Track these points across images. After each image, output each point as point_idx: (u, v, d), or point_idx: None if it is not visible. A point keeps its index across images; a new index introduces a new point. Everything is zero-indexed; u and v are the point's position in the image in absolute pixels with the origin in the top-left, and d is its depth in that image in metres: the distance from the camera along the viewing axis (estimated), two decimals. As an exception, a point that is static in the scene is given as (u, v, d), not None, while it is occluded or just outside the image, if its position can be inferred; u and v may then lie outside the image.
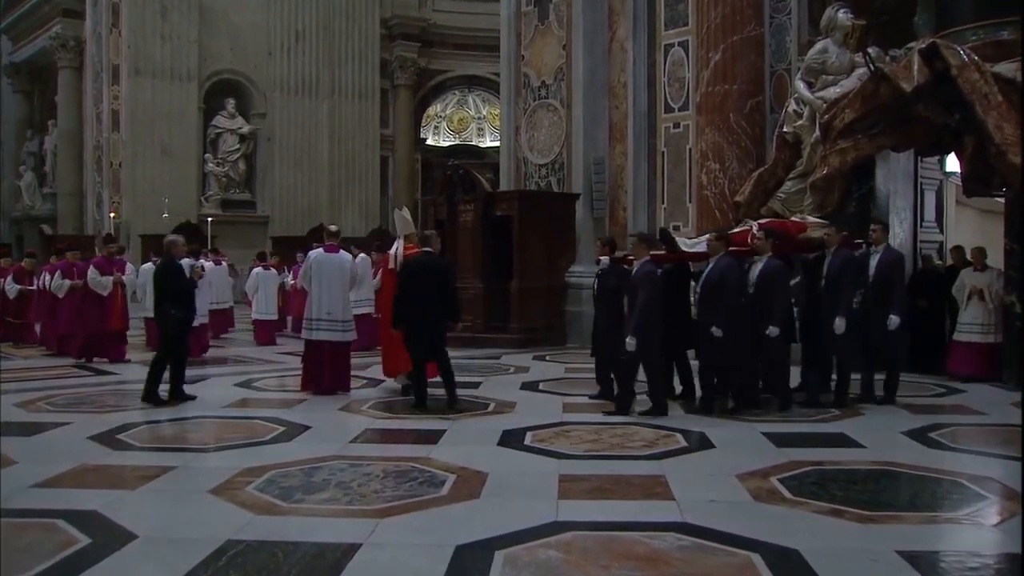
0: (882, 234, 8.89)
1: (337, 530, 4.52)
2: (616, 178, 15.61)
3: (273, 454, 6.29)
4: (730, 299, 7.83)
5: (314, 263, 9.33)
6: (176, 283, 8.77)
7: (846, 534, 4.52)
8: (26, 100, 34.39)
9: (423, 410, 8.17)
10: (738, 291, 7.92)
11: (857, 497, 5.18)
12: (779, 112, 12.44)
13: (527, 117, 16.94)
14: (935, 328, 10.91)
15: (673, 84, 14.62)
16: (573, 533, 4.44)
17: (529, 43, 16.95)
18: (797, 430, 7.33)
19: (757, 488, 5.35)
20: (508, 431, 7.14)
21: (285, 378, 10.55)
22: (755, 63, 12.66)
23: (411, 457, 6.18)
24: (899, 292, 8.62)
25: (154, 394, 8.50)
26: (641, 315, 7.71)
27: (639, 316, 7.72)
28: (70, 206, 29.74)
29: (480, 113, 33.53)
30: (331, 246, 9.52)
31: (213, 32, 27.06)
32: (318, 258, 9.37)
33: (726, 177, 12.49)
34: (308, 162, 28.17)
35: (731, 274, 7.90)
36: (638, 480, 5.58)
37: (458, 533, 4.44)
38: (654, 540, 4.34)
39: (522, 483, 5.56)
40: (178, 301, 8.66)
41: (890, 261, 8.69)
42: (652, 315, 7.76)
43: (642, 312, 7.71)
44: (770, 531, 4.46)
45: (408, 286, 8.38)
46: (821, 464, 6.03)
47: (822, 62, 11.47)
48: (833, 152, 10.85)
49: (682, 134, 14.46)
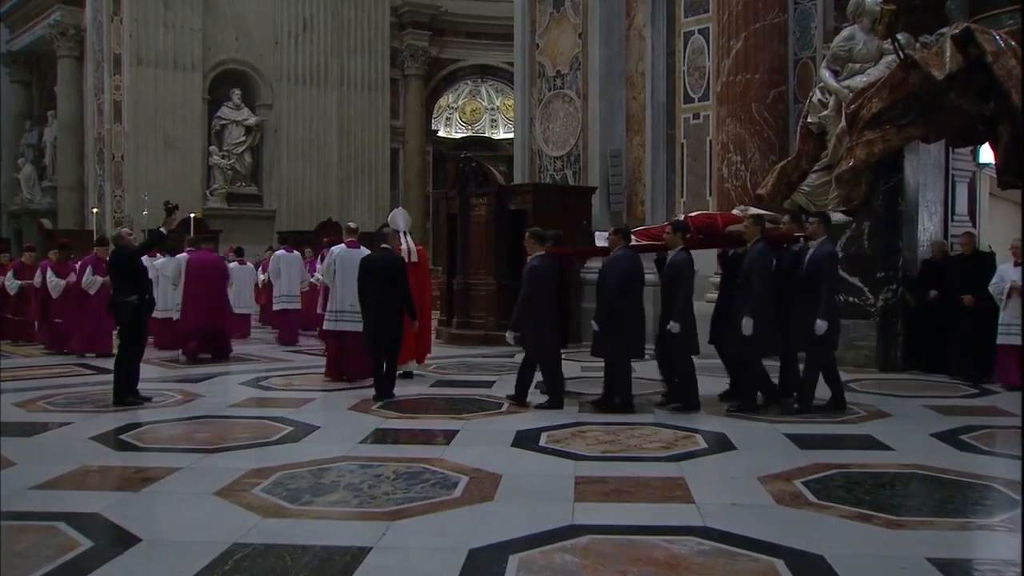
0: (818, 227, 8.16)
1: (347, 533, 4.53)
2: (634, 171, 15.59)
3: (281, 455, 6.31)
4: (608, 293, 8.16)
5: (337, 259, 10.01)
6: (128, 269, 8.76)
7: (874, 540, 4.50)
8: (24, 90, 34.46)
9: (382, 400, 8.65)
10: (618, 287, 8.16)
11: (885, 501, 5.16)
12: (803, 102, 12.40)
13: (542, 108, 16.94)
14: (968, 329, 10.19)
15: (693, 73, 14.59)
16: (590, 537, 4.44)
17: (544, 31, 16.95)
18: (821, 431, 7.31)
19: (780, 491, 5.33)
20: (522, 431, 7.14)
21: (292, 377, 10.60)
22: (778, 51, 12.62)
23: (423, 458, 6.19)
24: (824, 289, 7.87)
25: (131, 392, 8.54)
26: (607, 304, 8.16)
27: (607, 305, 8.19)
28: (70, 200, 29.82)
29: (493, 104, 33.52)
30: (352, 242, 10.26)
31: (217, 20, 27.13)
32: (341, 254, 10.04)
33: (748, 170, 12.47)
34: (316, 154, 28.25)
35: (615, 267, 8.19)
36: (656, 482, 5.57)
37: (471, 536, 4.45)
38: (673, 545, 4.33)
39: (537, 485, 5.56)
40: (132, 289, 8.66)
41: (819, 257, 7.96)
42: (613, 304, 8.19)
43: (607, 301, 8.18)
44: (794, 536, 4.45)
45: (365, 284, 8.93)
46: (847, 467, 6.01)
47: (849, 49, 11.42)
48: (860, 143, 10.81)
49: (702, 125, 14.43)
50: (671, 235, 8.31)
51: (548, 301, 8.38)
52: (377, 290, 8.85)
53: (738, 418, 7.78)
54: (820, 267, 7.91)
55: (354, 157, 28.89)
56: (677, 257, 8.22)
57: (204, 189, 27.14)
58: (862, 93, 10.85)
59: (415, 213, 30.63)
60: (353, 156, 28.88)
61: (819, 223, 8.20)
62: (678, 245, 8.25)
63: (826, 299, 7.85)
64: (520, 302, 8.37)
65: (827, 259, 7.98)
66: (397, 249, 9.84)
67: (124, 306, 8.60)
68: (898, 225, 11.20)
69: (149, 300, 8.89)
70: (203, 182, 27.15)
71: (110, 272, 9.43)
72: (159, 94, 26.20)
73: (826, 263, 7.95)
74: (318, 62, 28.25)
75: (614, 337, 8.17)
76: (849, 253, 11.19)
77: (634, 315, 8.21)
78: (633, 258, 8.30)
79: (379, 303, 8.86)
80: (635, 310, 8.21)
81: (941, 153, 11.64)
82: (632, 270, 8.20)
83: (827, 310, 7.84)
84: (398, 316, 8.96)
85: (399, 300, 8.96)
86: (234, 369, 11.50)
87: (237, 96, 27.59)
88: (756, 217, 8.37)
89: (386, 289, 8.85)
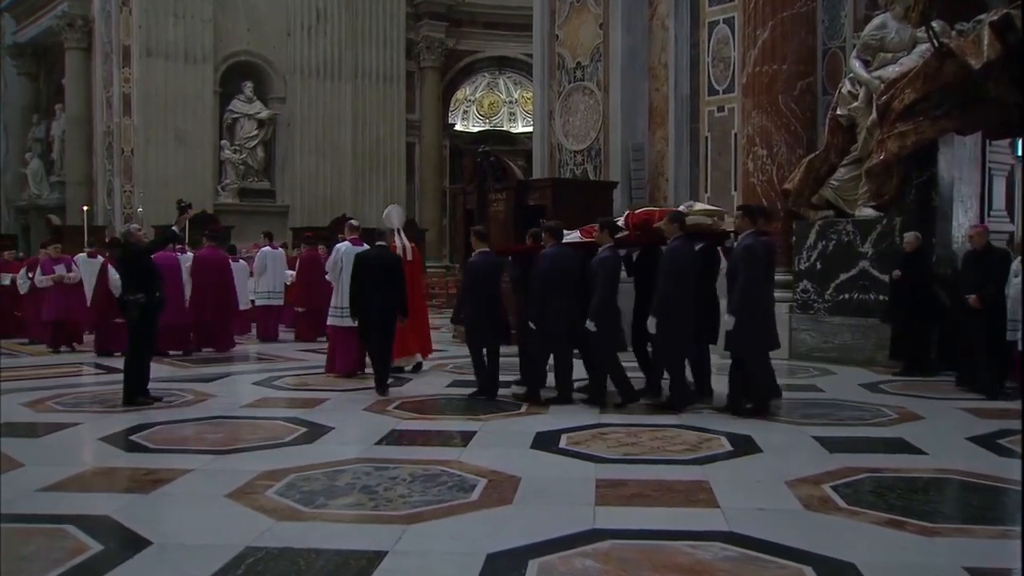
0: (743, 221, 8.04)
1: (362, 537, 4.53)
2: (656, 165, 15.56)
3: (294, 456, 6.32)
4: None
5: (343, 256, 10.30)
6: (137, 267, 8.78)
7: (907, 548, 4.46)
8: (31, 83, 34.61)
9: (382, 392, 9.06)
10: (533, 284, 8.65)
11: (919, 508, 5.11)
12: (832, 94, 12.34)
13: (561, 101, 16.93)
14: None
15: (718, 64, 14.54)
16: (611, 542, 4.43)
17: (564, 22, 16.94)
18: (851, 434, 7.27)
19: (808, 496, 5.30)
20: (542, 433, 7.14)
21: (306, 376, 10.64)
22: (806, 41, 12.56)
23: (440, 460, 6.19)
24: (740, 284, 7.78)
25: (142, 392, 8.59)
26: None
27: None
28: (79, 195, 29.86)
29: (511, 97, 33.54)
30: (355, 239, 10.60)
31: (229, 11, 27.24)
32: (346, 251, 10.31)
33: (774, 164, 12.42)
34: (330, 149, 28.33)
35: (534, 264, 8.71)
36: (680, 486, 5.55)
37: (489, 541, 4.44)
38: (698, 550, 4.32)
39: (557, 488, 5.55)
40: (141, 288, 8.69)
41: (738, 251, 7.92)
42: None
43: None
44: (823, 543, 4.42)
45: (363, 279, 9.24)
46: (878, 471, 5.96)
47: (880, 38, 11.35)
48: (891, 136, 10.75)
49: (727, 118, 14.38)
50: (599, 233, 8.54)
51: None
52: (372, 287, 9.15)
53: (763, 420, 7.74)
54: (737, 262, 7.91)
55: (369, 151, 28.96)
56: (602, 255, 8.37)
57: (215, 184, 27.30)
58: (894, 83, 10.78)
59: (431, 209, 30.80)
60: (368, 150, 28.94)
61: (743, 216, 8.12)
62: (606, 242, 8.43)
63: (737, 296, 7.82)
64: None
65: (743, 253, 7.89)
66: (392, 247, 10.22)
67: (131, 305, 8.65)
68: (931, 221, 11.12)
69: (159, 299, 8.92)
70: (214, 177, 27.30)
71: (119, 270, 9.51)
72: (169, 87, 26.36)
73: (743, 258, 7.87)
74: (332, 54, 28.33)
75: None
76: (879, 250, 11.13)
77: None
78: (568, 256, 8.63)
79: (374, 299, 9.18)
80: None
81: (977, 146, 11.52)
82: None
83: (737, 307, 7.79)
84: (393, 312, 9.30)
85: (394, 297, 9.26)
86: (246, 368, 11.56)
87: (249, 89, 27.71)
88: (674, 215, 8.34)
89: (381, 286, 9.16)
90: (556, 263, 8.49)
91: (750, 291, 7.79)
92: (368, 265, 9.29)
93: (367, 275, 9.21)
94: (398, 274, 9.40)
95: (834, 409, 8.35)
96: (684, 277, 8.02)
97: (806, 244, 11.98)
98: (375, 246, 9.70)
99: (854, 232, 11.47)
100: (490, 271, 9.08)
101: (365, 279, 9.22)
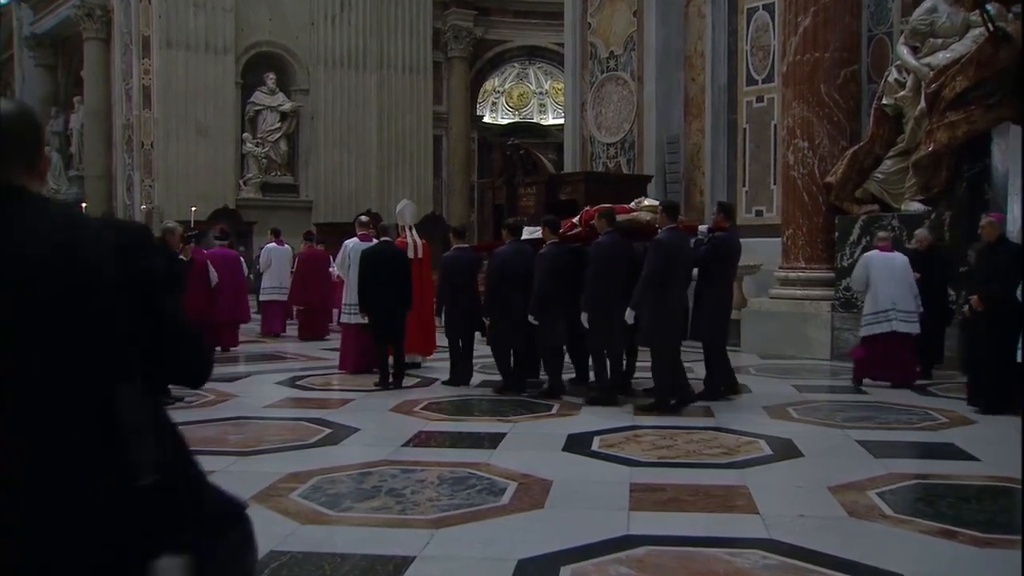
0: (662, 217, 8.42)
1: (389, 541, 4.55)
2: (692, 158, 15.50)
3: (319, 458, 6.35)
4: None
5: (352, 252, 10.54)
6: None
7: (960, 559, 4.41)
8: (49, 75, 34.97)
9: (384, 388, 9.51)
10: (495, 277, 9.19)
11: (971, 517, 5.05)
12: (877, 82, 12.24)
13: (594, 92, 16.90)
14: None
15: (756, 53, 14.46)
16: (646, 548, 4.42)
17: (596, 10, 16.91)
18: (898, 438, 7.21)
19: (853, 503, 5.25)
20: (574, 435, 7.13)
21: (331, 376, 10.71)
22: (850, 27, 12.45)
23: (469, 463, 6.20)
24: (643, 276, 8.15)
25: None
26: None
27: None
28: (98, 189, 30.19)
29: (542, 88, 33.54)
30: (364, 235, 10.80)
31: (250, 0, 27.37)
32: (354, 247, 10.57)
33: (816, 156, 12.33)
34: (355, 142, 28.42)
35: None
36: (718, 491, 5.53)
37: (520, 546, 4.44)
38: (736, 558, 4.29)
39: (590, 492, 5.55)
40: None
41: (652, 244, 8.31)
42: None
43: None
44: (869, 552, 4.38)
45: (370, 274, 9.63)
46: (927, 477, 5.92)
47: (930, 23, 11.23)
48: (941, 126, 10.64)
49: (766, 109, 14.30)
50: (543, 230, 9.11)
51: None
52: (379, 282, 9.54)
53: (801, 423, 7.70)
54: (649, 254, 8.28)
55: (395, 144, 29.02)
56: (543, 250, 8.86)
57: (237, 178, 27.44)
58: (945, 71, 10.67)
59: (459, 203, 30.84)
60: (394, 143, 29.01)
61: (662, 212, 8.53)
62: (549, 239, 8.93)
63: (638, 289, 8.16)
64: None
65: (653, 246, 8.26)
66: (400, 242, 10.48)
67: None
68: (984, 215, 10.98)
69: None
70: (236, 171, 27.46)
71: None
72: (190, 78, 26.51)
73: (654, 250, 8.21)
74: (356, 44, 28.40)
75: None
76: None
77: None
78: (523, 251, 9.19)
79: (382, 295, 9.57)
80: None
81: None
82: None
83: (635, 300, 8.17)
84: (401, 307, 9.69)
85: (399, 292, 9.65)
86: (269, 368, 11.62)
87: (272, 80, 27.83)
88: (604, 211, 8.68)
89: (387, 281, 9.55)
90: (508, 261, 9.10)
91: (650, 283, 8.13)
92: (370, 261, 9.70)
93: (370, 271, 9.63)
94: (401, 269, 9.78)
95: (879, 412, 8.29)
96: (609, 274, 8.38)
97: (849, 240, 11.88)
98: (380, 241, 10.05)
99: (900, 227, 11.36)
100: (463, 266, 9.74)
101: (368, 275, 9.63)
